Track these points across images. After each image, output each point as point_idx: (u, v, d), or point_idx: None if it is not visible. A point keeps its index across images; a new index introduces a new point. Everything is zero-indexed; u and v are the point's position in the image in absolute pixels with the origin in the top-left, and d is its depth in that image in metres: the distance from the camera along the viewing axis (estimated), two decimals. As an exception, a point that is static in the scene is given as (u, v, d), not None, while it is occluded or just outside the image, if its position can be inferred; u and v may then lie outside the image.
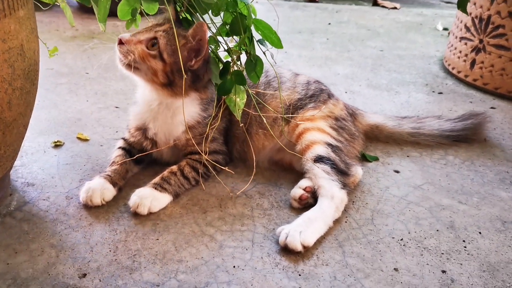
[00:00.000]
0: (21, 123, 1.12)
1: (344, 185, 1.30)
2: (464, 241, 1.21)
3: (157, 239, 1.15)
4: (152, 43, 1.23)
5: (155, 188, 1.27)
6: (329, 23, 3.53)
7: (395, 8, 4.20)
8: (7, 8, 0.94)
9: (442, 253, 1.16)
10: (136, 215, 1.23)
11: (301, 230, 1.14)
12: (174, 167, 1.35)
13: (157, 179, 1.30)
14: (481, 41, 2.21)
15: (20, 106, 1.07)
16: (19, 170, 1.40)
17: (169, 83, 1.26)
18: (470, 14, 2.25)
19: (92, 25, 3.03)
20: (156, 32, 1.24)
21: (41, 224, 1.17)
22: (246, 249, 1.14)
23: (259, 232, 1.20)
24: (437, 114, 1.94)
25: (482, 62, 2.22)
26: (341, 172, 1.33)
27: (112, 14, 1.22)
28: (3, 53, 0.96)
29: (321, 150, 1.36)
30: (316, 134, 1.40)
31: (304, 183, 1.33)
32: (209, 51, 1.24)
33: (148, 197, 1.24)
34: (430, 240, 1.21)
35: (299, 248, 1.12)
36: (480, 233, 1.25)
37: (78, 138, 1.62)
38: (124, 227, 1.18)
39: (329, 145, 1.38)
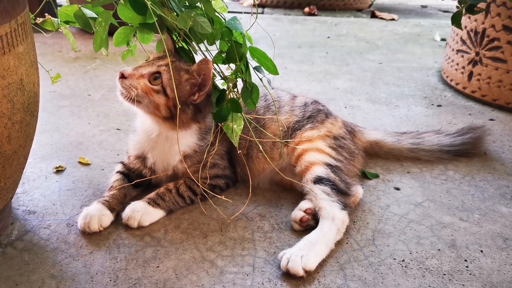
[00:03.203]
0: (21, 155, 1.13)
1: (345, 206, 1.30)
2: (466, 260, 1.21)
3: (158, 267, 1.15)
4: (154, 77, 1.23)
5: (149, 203, 1.31)
6: (328, 37, 3.56)
7: (393, 19, 4.22)
8: (7, 46, 0.96)
9: (444, 274, 1.16)
10: (138, 241, 1.23)
11: (303, 254, 1.14)
12: (171, 184, 1.38)
13: (152, 194, 1.34)
14: (477, 53, 2.22)
15: (20, 138, 1.08)
16: (20, 198, 1.41)
17: (171, 117, 1.27)
18: (465, 27, 2.26)
19: (93, 45, 3.06)
20: (158, 67, 1.24)
21: (42, 254, 1.18)
22: (247, 275, 1.14)
23: (260, 256, 1.20)
24: (437, 127, 1.94)
25: (480, 74, 2.23)
26: (342, 193, 1.33)
27: (113, 34, 1.23)
28: (2, 89, 0.97)
29: (320, 170, 1.36)
30: (315, 155, 1.40)
31: (304, 205, 1.33)
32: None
33: (139, 211, 1.28)
34: (432, 261, 1.20)
35: (301, 273, 1.11)
36: (481, 251, 1.24)
37: (80, 162, 1.63)
38: (125, 255, 1.19)
39: (329, 165, 1.38)
